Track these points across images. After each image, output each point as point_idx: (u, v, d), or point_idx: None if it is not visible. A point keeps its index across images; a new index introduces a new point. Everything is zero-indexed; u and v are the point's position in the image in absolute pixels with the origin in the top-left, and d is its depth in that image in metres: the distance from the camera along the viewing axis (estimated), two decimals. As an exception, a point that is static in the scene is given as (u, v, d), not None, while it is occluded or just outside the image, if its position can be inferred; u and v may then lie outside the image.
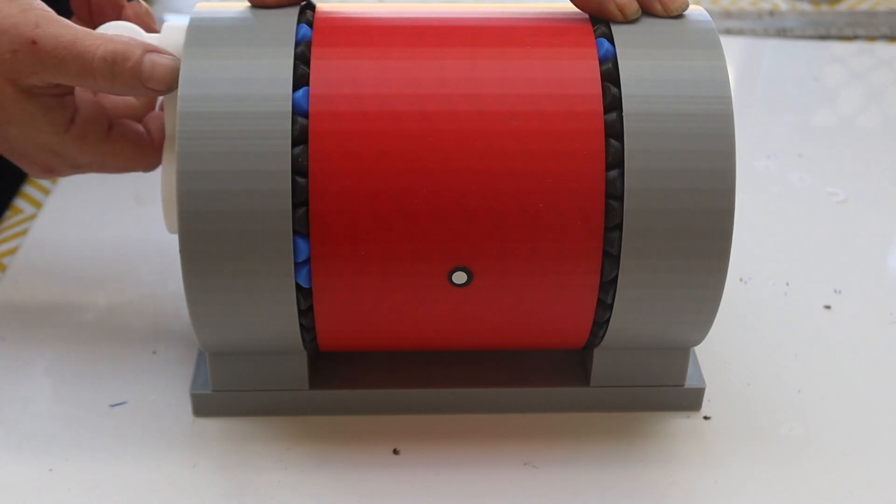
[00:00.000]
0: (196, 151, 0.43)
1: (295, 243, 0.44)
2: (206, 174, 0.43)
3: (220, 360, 0.49)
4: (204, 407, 0.51)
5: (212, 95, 0.44)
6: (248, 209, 0.43)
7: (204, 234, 0.44)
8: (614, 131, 0.44)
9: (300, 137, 0.43)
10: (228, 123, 0.43)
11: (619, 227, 0.44)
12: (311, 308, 0.46)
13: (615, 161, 0.44)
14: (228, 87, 0.44)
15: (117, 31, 0.48)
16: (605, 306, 0.47)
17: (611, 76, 0.45)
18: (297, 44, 0.45)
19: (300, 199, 0.43)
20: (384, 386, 0.51)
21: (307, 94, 0.44)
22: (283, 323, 0.46)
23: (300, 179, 0.43)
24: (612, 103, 0.44)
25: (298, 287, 0.45)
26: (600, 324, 0.47)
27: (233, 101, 0.43)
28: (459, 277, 0.45)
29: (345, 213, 0.43)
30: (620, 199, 0.44)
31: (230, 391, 0.50)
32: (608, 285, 0.46)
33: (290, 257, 0.44)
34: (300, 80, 0.44)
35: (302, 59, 0.45)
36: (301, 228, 0.44)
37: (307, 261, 0.44)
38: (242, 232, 0.43)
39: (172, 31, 0.48)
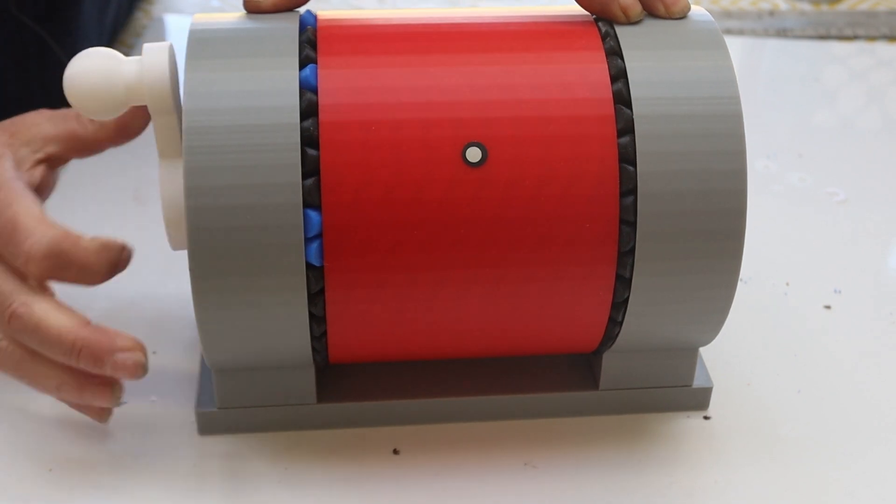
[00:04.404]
0: (204, 166, 0.42)
1: (306, 216, 0.43)
2: (214, 189, 0.42)
3: (227, 377, 0.49)
4: (209, 425, 0.50)
5: (217, 109, 0.43)
6: (259, 224, 0.43)
7: (215, 251, 0.43)
8: (625, 133, 0.44)
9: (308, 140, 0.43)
10: (236, 137, 0.43)
11: (633, 224, 0.44)
12: (323, 318, 0.46)
13: (628, 163, 0.44)
14: (234, 100, 0.43)
15: (98, 57, 0.46)
16: (618, 307, 0.46)
17: (619, 80, 0.45)
18: (301, 53, 0.45)
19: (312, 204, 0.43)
20: (392, 397, 0.51)
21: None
22: (294, 336, 0.46)
23: (309, 181, 0.43)
24: (622, 102, 0.44)
25: (310, 296, 0.44)
26: (613, 325, 0.47)
27: (239, 114, 0.43)
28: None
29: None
30: (634, 193, 0.44)
31: (236, 408, 0.50)
32: (622, 287, 0.45)
33: (303, 268, 0.43)
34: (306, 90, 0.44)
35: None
36: (313, 200, 0.43)
37: (318, 241, 0.44)
38: (254, 246, 0.43)
39: (154, 52, 0.46)
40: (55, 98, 0.68)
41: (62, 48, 0.74)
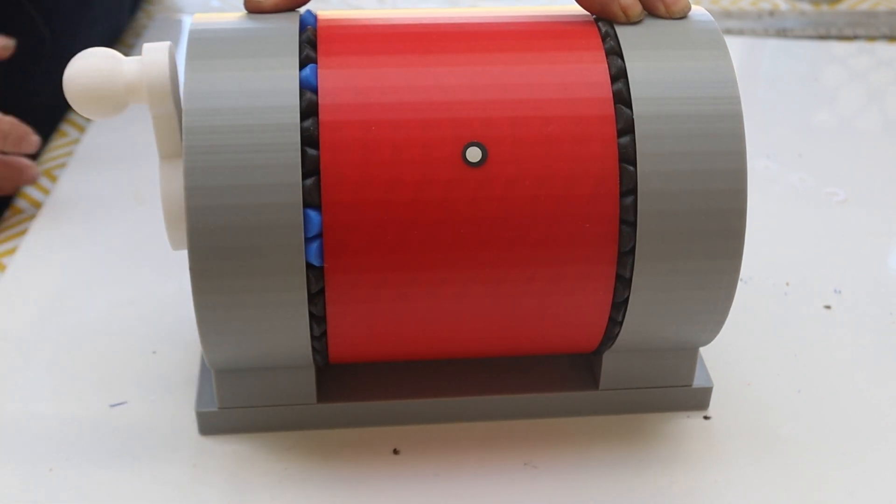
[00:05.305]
0: (204, 166, 0.42)
1: (306, 216, 0.43)
2: (214, 189, 0.42)
3: (227, 378, 0.49)
4: (209, 425, 0.50)
5: (217, 109, 0.43)
6: (259, 223, 0.43)
7: (215, 251, 0.43)
8: (625, 133, 0.44)
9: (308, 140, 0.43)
10: (236, 137, 0.42)
11: (633, 224, 0.44)
12: (323, 318, 0.46)
13: (628, 163, 0.44)
14: (234, 100, 0.43)
15: (98, 57, 0.46)
16: (618, 307, 0.46)
17: (620, 79, 0.45)
18: (301, 53, 0.45)
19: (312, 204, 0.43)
20: (393, 397, 0.51)
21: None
22: (294, 336, 0.46)
23: (309, 181, 0.43)
24: (622, 102, 0.44)
25: (310, 296, 0.44)
26: (614, 325, 0.47)
27: (239, 114, 0.43)
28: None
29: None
30: (634, 193, 0.44)
31: (237, 408, 0.50)
32: (622, 287, 0.45)
33: (303, 268, 0.43)
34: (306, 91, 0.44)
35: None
36: (313, 200, 0.43)
37: (318, 241, 0.44)
38: (254, 246, 0.43)
39: (154, 52, 0.46)
40: (21, 61, 0.68)
41: (34, 6, 0.73)
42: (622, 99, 0.44)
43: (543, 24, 0.47)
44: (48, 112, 0.77)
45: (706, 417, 0.52)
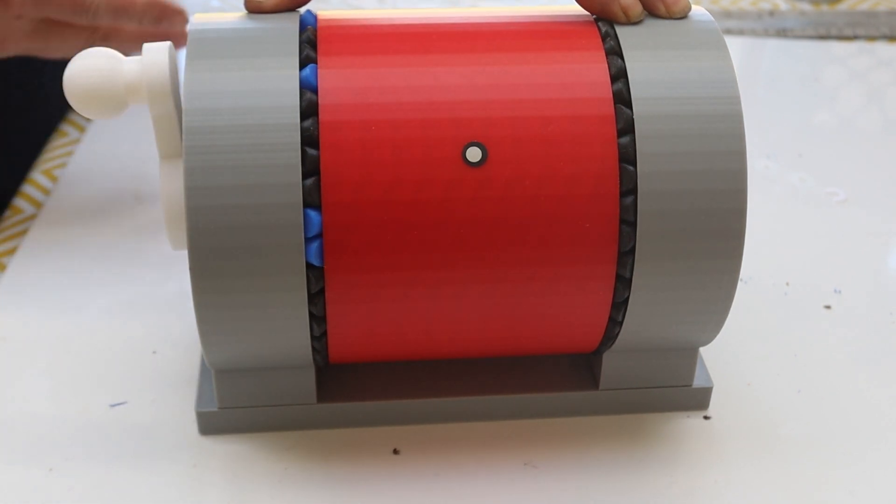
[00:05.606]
0: (204, 166, 0.42)
1: (306, 215, 0.43)
2: (214, 189, 0.42)
3: (227, 377, 0.49)
4: (209, 425, 0.50)
5: (217, 109, 0.43)
6: (259, 223, 0.43)
7: (215, 251, 0.43)
8: (625, 133, 0.44)
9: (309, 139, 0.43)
10: (236, 137, 0.42)
11: (633, 224, 0.44)
12: (323, 318, 0.46)
13: (628, 163, 0.44)
14: (234, 99, 0.43)
15: (98, 57, 0.46)
16: (618, 307, 0.46)
17: (620, 79, 0.45)
18: (301, 53, 0.45)
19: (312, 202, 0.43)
20: (392, 397, 0.51)
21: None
22: (294, 336, 0.46)
23: (309, 181, 0.43)
24: (622, 102, 0.44)
25: (310, 296, 0.44)
26: (614, 325, 0.47)
27: (239, 114, 0.43)
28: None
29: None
30: (634, 193, 0.44)
31: (237, 408, 0.50)
32: (622, 287, 0.45)
33: (303, 268, 0.43)
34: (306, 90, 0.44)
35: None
36: (313, 200, 0.43)
37: (318, 241, 0.44)
38: (254, 246, 0.43)
39: (154, 52, 0.46)
40: (23, 59, 0.68)
41: None
42: (622, 99, 0.44)
43: (543, 24, 0.47)
44: (48, 112, 0.77)
45: (706, 417, 0.52)
